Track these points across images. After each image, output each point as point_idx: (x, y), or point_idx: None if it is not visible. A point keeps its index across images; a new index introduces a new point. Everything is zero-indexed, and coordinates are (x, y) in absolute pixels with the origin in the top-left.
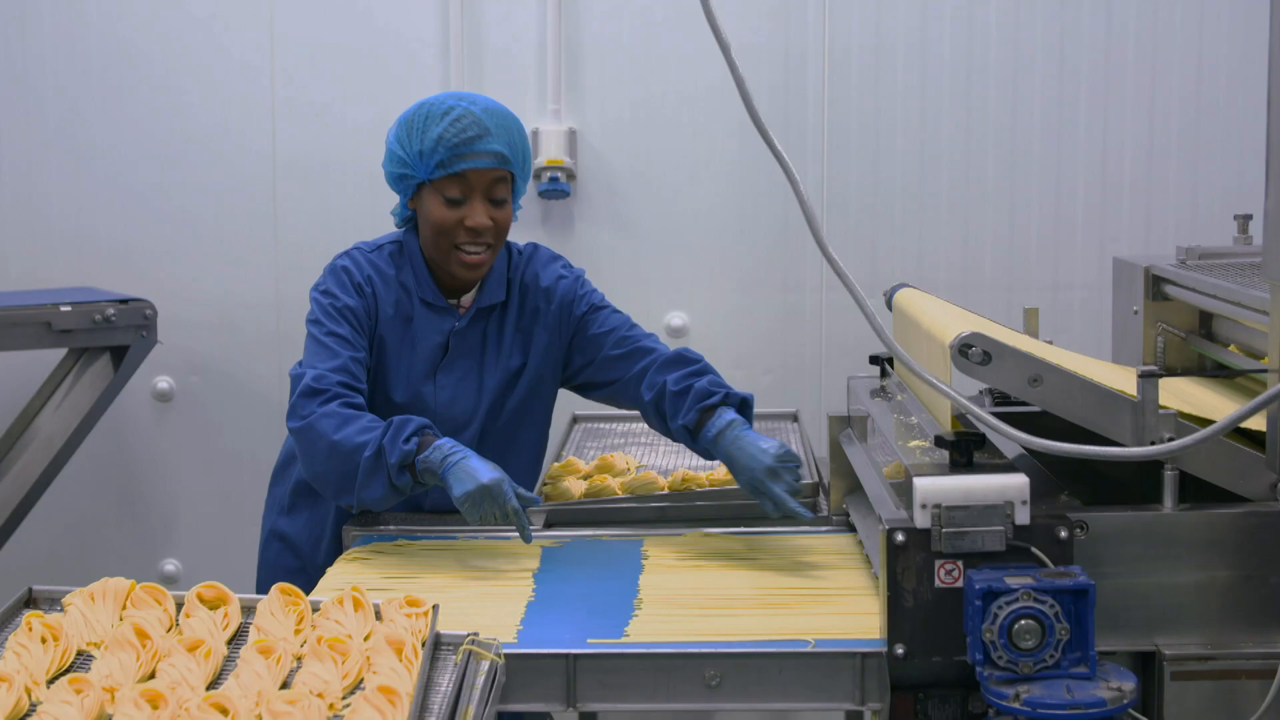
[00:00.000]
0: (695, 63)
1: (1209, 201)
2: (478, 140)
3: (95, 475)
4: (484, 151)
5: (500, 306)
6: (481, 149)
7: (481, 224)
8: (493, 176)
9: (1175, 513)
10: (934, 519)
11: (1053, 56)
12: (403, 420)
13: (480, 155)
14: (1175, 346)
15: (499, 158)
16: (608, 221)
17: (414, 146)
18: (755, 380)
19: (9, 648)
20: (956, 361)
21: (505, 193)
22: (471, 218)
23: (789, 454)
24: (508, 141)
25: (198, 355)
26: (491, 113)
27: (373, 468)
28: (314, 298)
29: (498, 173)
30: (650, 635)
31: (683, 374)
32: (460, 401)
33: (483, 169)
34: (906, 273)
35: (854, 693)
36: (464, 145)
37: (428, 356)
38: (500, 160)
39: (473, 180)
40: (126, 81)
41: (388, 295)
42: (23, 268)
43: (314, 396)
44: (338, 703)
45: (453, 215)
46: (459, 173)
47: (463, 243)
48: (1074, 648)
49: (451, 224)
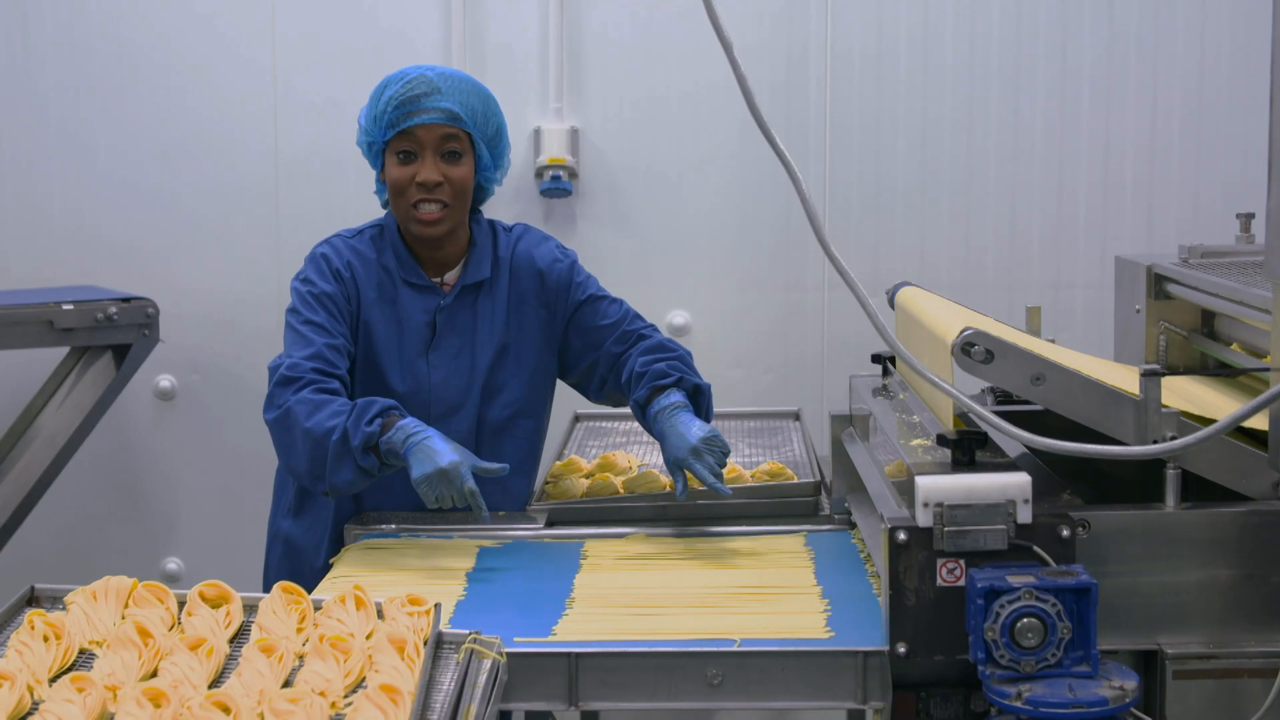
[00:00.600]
0: (697, 61)
1: (1211, 200)
2: (425, 97)
3: (97, 474)
4: (432, 108)
5: (488, 284)
6: (429, 105)
7: (431, 179)
8: (442, 132)
9: (1177, 512)
10: (936, 518)
11: (1055, 55)
12: (367, 402)
13: (428, 111)
14: (1177, 345)
15: (448, 114)
16: (610, 220)
17: (372, 111)
18: (757, 379)
19: (11, 646)
20: (959, 360)
21: (459, 149)
22: (422, 173)
23: (717, 438)
24: (459, 100)
25: (200, 354)
26: (446, 76)
27: (340, 451)
28: (293, 287)
29: (448, 129)
30: (575, 635)
31: (652, 358)
32: (453, 381)
33: (431, 124)
34: (908, 271)
35: (856, 691)
36: (411, 102)
37: (417, 337)
38: (450, 117)
39: (421, 137)
40: (128, 80)
41: (369, 278)
42: (25, 266)
43: (288, 385)
44: (340, 701)
45: (406, 172)
46: (408, 130)
47: (417, 200)
48: (1076, 646)
49: (405, 181)
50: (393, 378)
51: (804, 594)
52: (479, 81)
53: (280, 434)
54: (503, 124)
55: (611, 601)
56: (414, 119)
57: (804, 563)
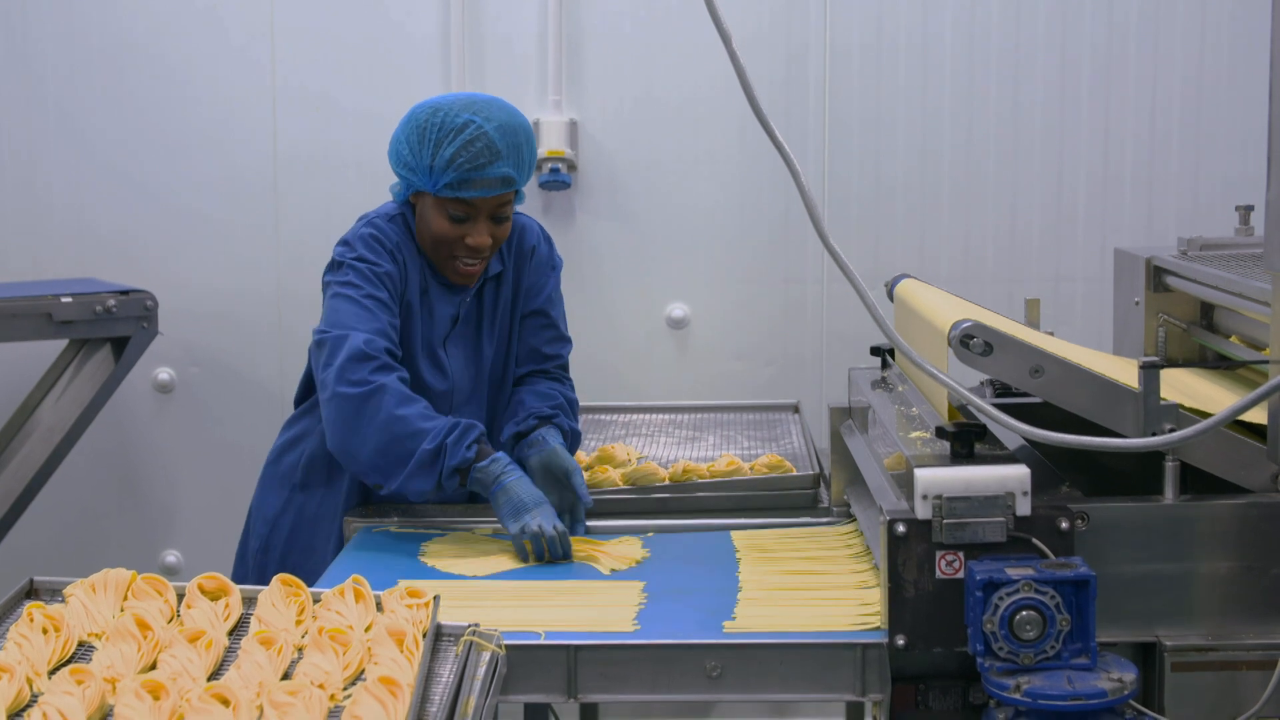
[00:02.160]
0: (697, 54)
1: (1210, 192)
2: (489, 166)
3: (96, 466)
4: (494, 177)
5: (497, 277)
6: (492, 174)
7: (482, 243)
8: (499, 200)
9: (1176, 504)
10: (935, 510)
11: (1054, 47)
12: (468, 425)
13: (490, 182)
14: (1176, 337)
15: (507, 181)
16: (609, 213)
17: (424, 159)
18: (756, 372)
19: (10, 638)
20: (958, 352)
21: (509, 211)
22: (473, 237)
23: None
24: (516, 162)
25: (198, 346)
26: (504, 131)
27: (429, 462)
28: (348, 261)
29: (505, 196)
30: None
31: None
32: (467, 371)
33: (490, 196)
34: (908, 264)
35: (855, 684)
36: (475, 171)
37: (442, 326)
38: (507, 184)
39: (479, 204)
40: (127, 73)
41: (413, 264)
42: (23, 259)
43: (367, 361)
44: (339, 693)
45: (455, 231)
46: (466, 198)
47: (460, 255)
48: (1075, 639)
49: (452, 239)
50: (424, 367)
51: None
52: (522, 117)
53: (353, 412)
54: (535, 149)
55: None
56: (475, 190)
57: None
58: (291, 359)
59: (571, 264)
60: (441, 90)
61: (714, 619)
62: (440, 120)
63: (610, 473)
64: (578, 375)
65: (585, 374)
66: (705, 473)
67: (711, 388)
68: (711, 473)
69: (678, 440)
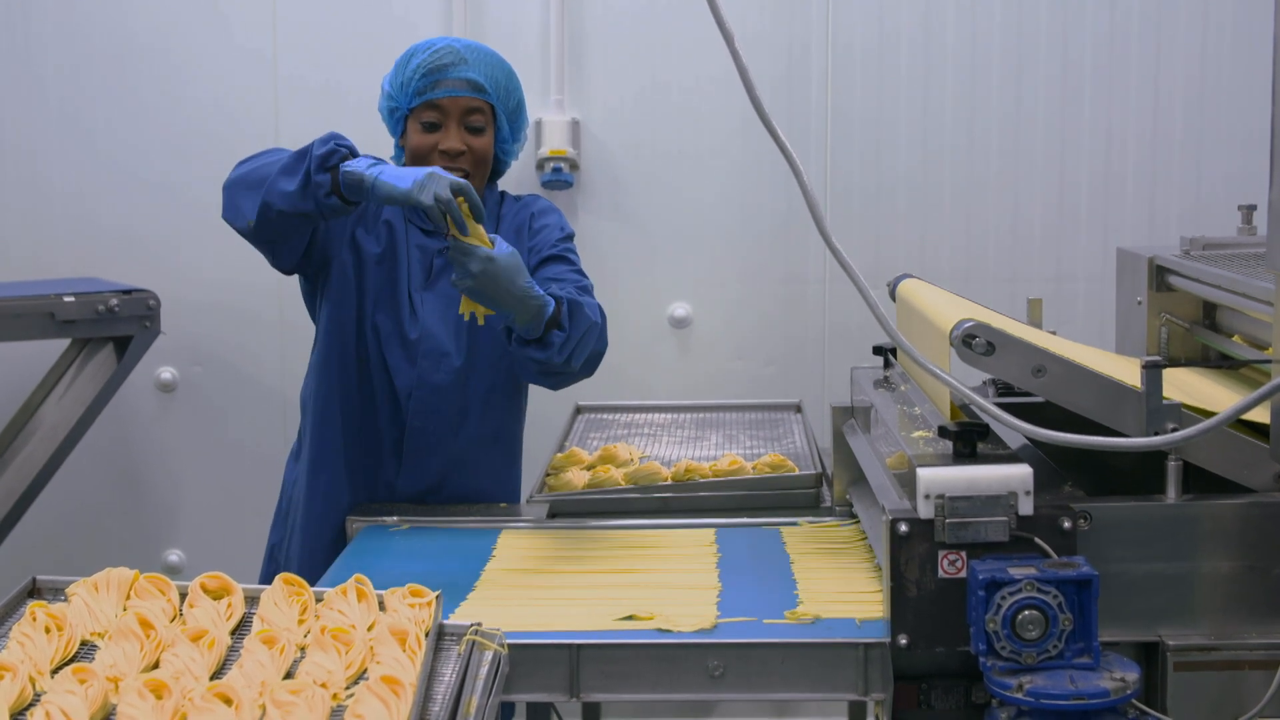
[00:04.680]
0: (698, 53)
1: (1213, 192)
2: (452, 67)
3: (99, 466)
4: (458, 79)
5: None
6: (455, 75)
7: (454, 147)
8: (467, 104)
9: (1179, 503)
10: (937, 509)
11: (1056, 45)
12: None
13: (454, 83)
14: (1179, 337)
15: (473, 85)
16: (611, 212)
17: (398, 78)
18: (758, 370)
19: (13, 638)
20: (960, 352)
21: (481, 121)
22: (445, 141)
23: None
24: (484, 72)
25: (201, 345)
26: (472, 48)
27: (293, 164)
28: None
29: (473, 101)
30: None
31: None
32: (445, 325)
33: (457, 96)
34: (910, 263)
35: (857, 683)
36: (438, 71)
37: (417, 274)
38: (474, 88)
39: (447, 106)
40: (129, 68)
41: (394, 209)
42: (25, 258)
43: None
44: (341, 693)
45: (429, 140)
46: (434, 100)
47: (437, 164)
48: (1077, 638)
49: (427, 148)
50: (384, 306)
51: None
52: (502, 56)
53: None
54: (523, 99)
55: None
56: (440, 89)
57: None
58: (295, 358)
59: None
60: None
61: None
62: (414, 45)
63: (613, 472)
64: None
65: None
66: (708, 472)
67: (713, 387)
68: (714, 472)
69: (680, 440)
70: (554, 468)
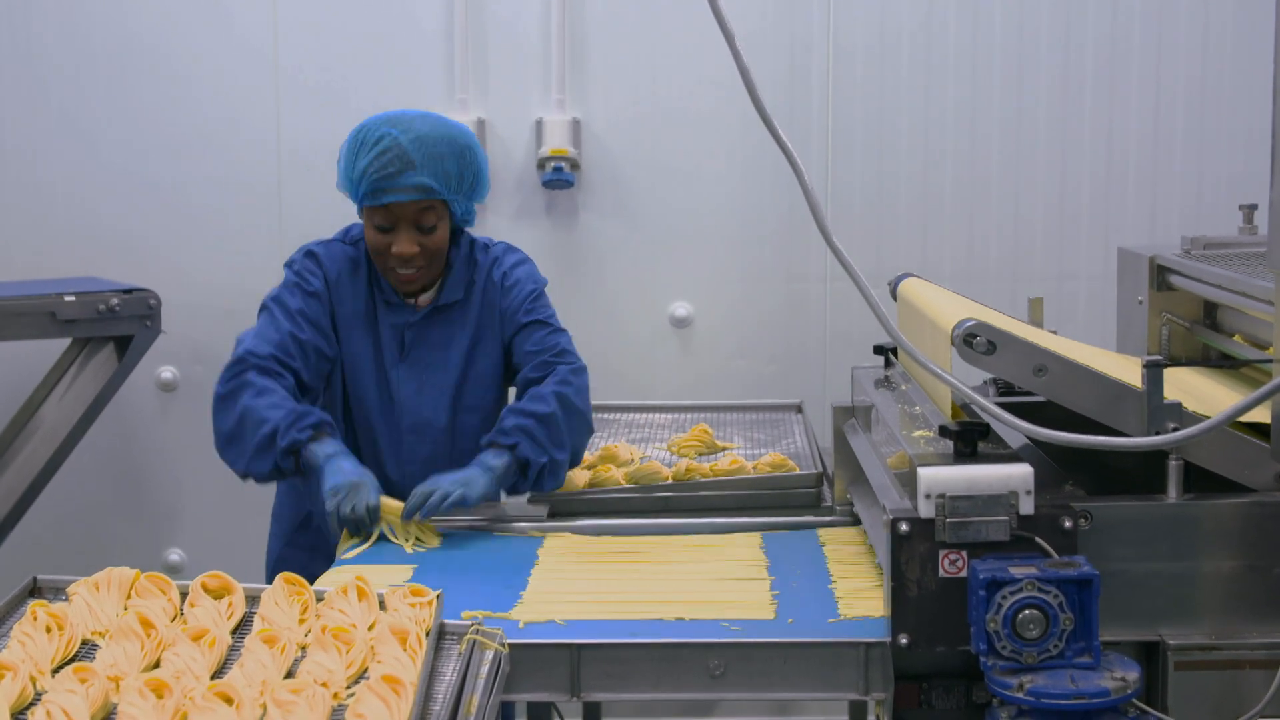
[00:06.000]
0: (700, 53)
1: (1214, 191)
2: (399, 175)
3: (99, 465)
4: (406, 185)
5: (460, 305)
6: (404, 183)
7: (406, 252)
8: (418, 207)
9: (1180, 503)
10: (938, 509)
11: (1058, 45)
12: (306, 411)
13: (402, 189)
14: (1180, 336)
15: (423, 189)
16: (612, 212)
17: (346, 173)
18: (759, 370)
19: (14, 637)
20: (961, 351)
21: (434, 220)
22: (397, 245)
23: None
24: (435, 171)
25: (202, 345)
26: (421, 141)
27: (264, 445)
28: (286, 273)
29: (423, 204)
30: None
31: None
32: (425, 395)
33: (405, 202)
34: (911, 263)
35: (858, 682)
36: (385, 180)
37: (390, 350)
38: (424, 191)
39: (397, 212)
40: (130, 70)
41: (356, 289)
42: (27, 257)
43: (241, 364)
44: (342, 692)
45: (382, 240)
46: (383, 205)
47: (393, 265)
48: (1078, 638)
49: (382, 248)
50: (366, 388)
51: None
52: (454, 130)
53: (218, 408)
54: (481, 167)
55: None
56: (389, 196)
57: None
58: None
59: (575, 263)
60: (444, 88)
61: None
62: (362, 135)
63: (613, 472)
64: None
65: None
66: (708, 472)
67: (714, 386)
68: (714, 472)
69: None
70: None
